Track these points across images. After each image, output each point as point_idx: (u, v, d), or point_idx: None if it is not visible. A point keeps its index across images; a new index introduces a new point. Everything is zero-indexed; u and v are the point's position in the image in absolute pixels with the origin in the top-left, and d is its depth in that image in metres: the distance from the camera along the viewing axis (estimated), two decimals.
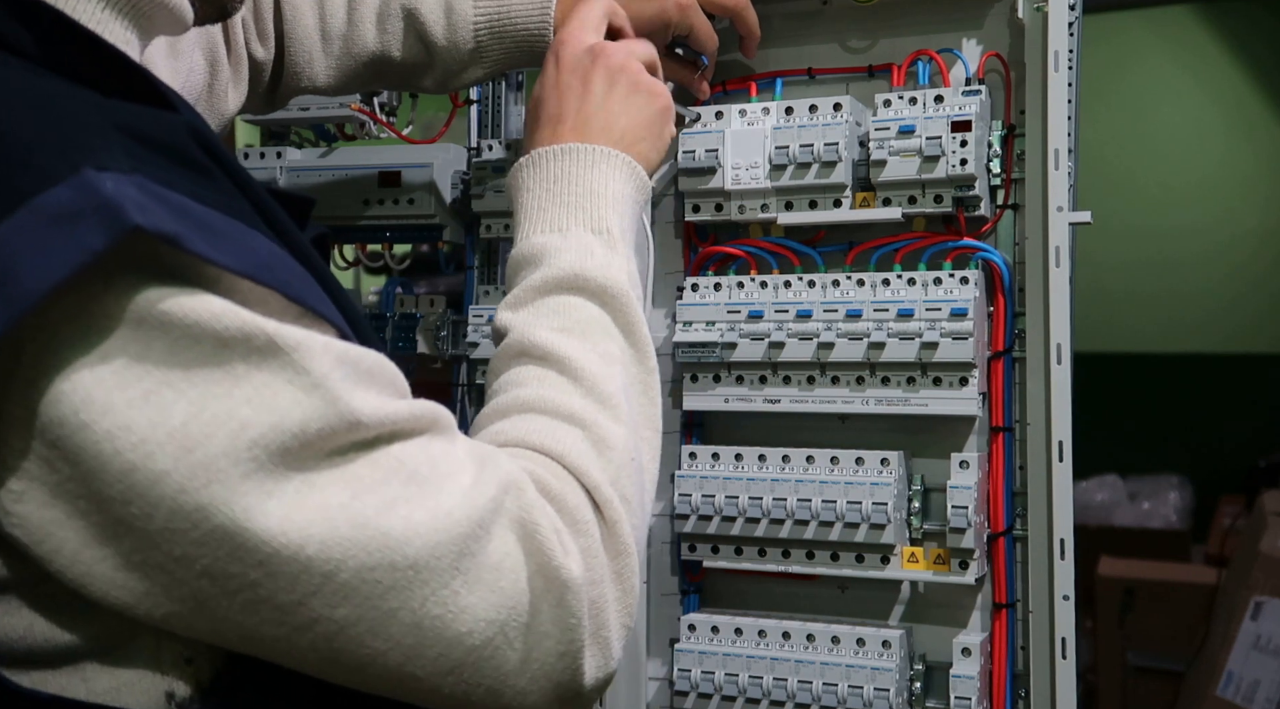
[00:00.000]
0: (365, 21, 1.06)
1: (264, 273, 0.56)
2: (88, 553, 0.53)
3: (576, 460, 0.68)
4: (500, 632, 0.61)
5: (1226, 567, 2.81)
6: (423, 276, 2.07)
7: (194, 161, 0.57)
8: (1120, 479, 3.97)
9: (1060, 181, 1.03)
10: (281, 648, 0.58)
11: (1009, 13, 1.09)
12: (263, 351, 0.54)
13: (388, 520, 0.57)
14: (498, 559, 0.61)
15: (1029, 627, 1.05)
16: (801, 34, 1.17)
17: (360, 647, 0.58)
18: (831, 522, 1.06)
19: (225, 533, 0.53)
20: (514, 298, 0.79)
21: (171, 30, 0.72)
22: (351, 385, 0.57)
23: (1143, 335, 4.53)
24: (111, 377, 0.52)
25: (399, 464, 0.58)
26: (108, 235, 0.50)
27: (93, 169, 0.51)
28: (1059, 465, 1.03)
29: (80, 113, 0.55)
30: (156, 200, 0.53)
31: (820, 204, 1.10)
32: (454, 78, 1.08)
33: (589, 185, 0.83)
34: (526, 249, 0.81)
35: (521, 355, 0.75)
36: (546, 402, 0.71)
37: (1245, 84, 4.54)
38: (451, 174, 1.38)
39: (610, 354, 0.76)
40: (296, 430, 0.54)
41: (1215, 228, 4.47)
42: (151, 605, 0.55)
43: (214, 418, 0.53)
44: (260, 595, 0.55)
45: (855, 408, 1.08)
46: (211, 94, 1.04)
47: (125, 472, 0.52)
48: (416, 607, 0.58)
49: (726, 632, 1.11)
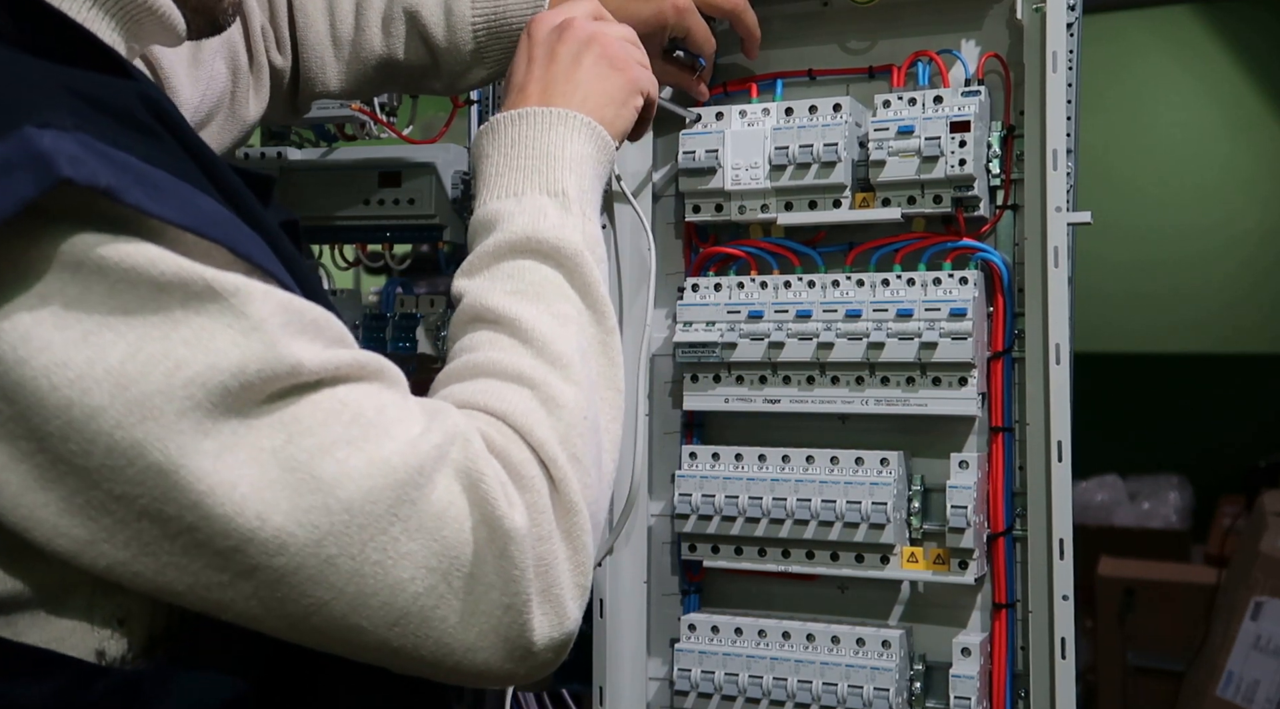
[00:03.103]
0: (372, 26, 1.07)
1: (209, 228, 0.57)
2: (29, 497, 0.54)
3: (522, 419, 0.68)
4: (443, 580, 0.61)
5: (1226, 567, 2.81)
6: (423, 277, 2.07)
7: (142, 124, 0.58)
8: (1120, 479, 3.97)
9: (1059, 182, 1.03)
10: (225, 598, 0.58)
11: (1008, 13, 1.09)
12: (201, 296, 0.55)
13: (320, 463, 0.57)
14: (440, 507, 0.61)
15: (1029, 627, 1.06)
16: (801, 35, 1.17)
17: (302, 596, 0.58)
18: (831, 521, 1.06)
19: (159, 470, 0.54)
20: (468, 264, 0.79)
21: (164, 40, 0.73)
22: (294, 332, 0.58)
23: (1142, 335, 4.53)
24: (50, 317, 0.53)
25: (341, 407, 0.59)
26: (36, 186, 0.52)
27: (33, 127, 0.53)
28: (1058, 465, 1.03)
29: (28, 76, 0.57)
30: (97, 156, 0.54)
31: (820, 204, 1.10)
32: (460, 79, 1.08)
33: (545, 147, 0.82)
34: (482, 215, 0.81)
35: (475, 320, 0.75)
36: (495, 364, 0.71)
37: (1245, 84, 4.54)
38: (452, 174, 1.38)
39: (565, 315, 0.75)
40: (234, 371, 0.55)
41: (1215, 228, 4.47)
42: (95, 554, 0.55)
43: (150, 357, 0.54)
44: (198, 540, 0.55)
45: (855, 408, 1.09)
46: (234, 102, 1.06)
47: (62, 407, 0.53)
48: (355, 553, 0.58)
49: (726, 632, 1.11)
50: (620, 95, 0.89)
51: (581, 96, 0.86)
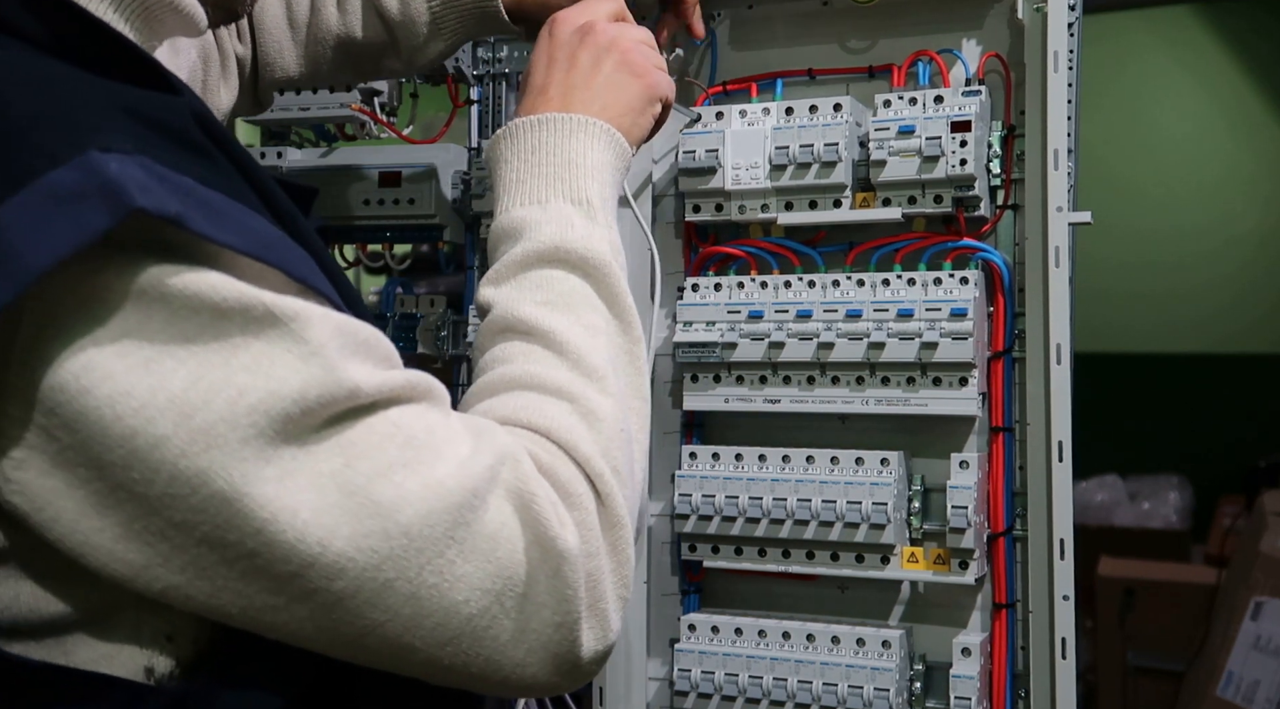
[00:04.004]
0: (328, 6, 1.08)
1: (265, 251, 0.57)
2: (86, 523, 0.54)
3: (566, 435, 0.68)
4: (496, 601, 0.61)
5: (1226, 567, 2.81)
6: (423, 276, 2.07)
7: (196, 144, 0.58)
8: (1120, 479, 3.96)
9: (1060, 182, 1.03)
10: (279, 619, 0.57)
11: (1009, 13, 1.09)
12: (260, 322, 0.55)
13: (379, 488, 0.57)
14: (494, 529, 0.61)
15: (1029, 627, 1.06)
16: (802, 34, 1.17)
17: (358, 618, 0.58)
18: (831, 522, 1.06)
19: (223, 498, 0.54)
20: (495, 273, 0.78)
21: (185, 32, 0.73)
22: (349, 354, 0.58)
23: (1143, 335, 4.53)
24: (111, 345, 0.52)
25: (395, 429, 0.59)
26: (111, 216, 0.51)
27: (97, 151, 0.52)
28: (1059, 465, 1.03)
29: (85, 94, 0.56)
30: (159, 181, 0.53)
31: (820, 204, 1.10)
32: (418, 53, 1.08)
33: (567, 155, 0.82)
34: (506, 222, 0.80)
35: (506, 331, 0.75)
36: (533, 377, 0.71)
37: (1245, 84, 4.54)
38: (452, 174, 1.38)
39: (594, 326, 0.75)
40: (295, 397, 0.55)
41: (1215, 228, 4.47)
42: (150, 578, 0.55)
43: (212, 385, 0.53)
44: (258, 565, 0.55)
45: (855, 408, 1.08)
46: (206, 91, 1.06)
47: (126, 437, 0.52)
48: (413, 576, 0.58)
49: (726, 632, 1.11)
50: (639, 103, 0.89)
51: (601, 104, 0.86)
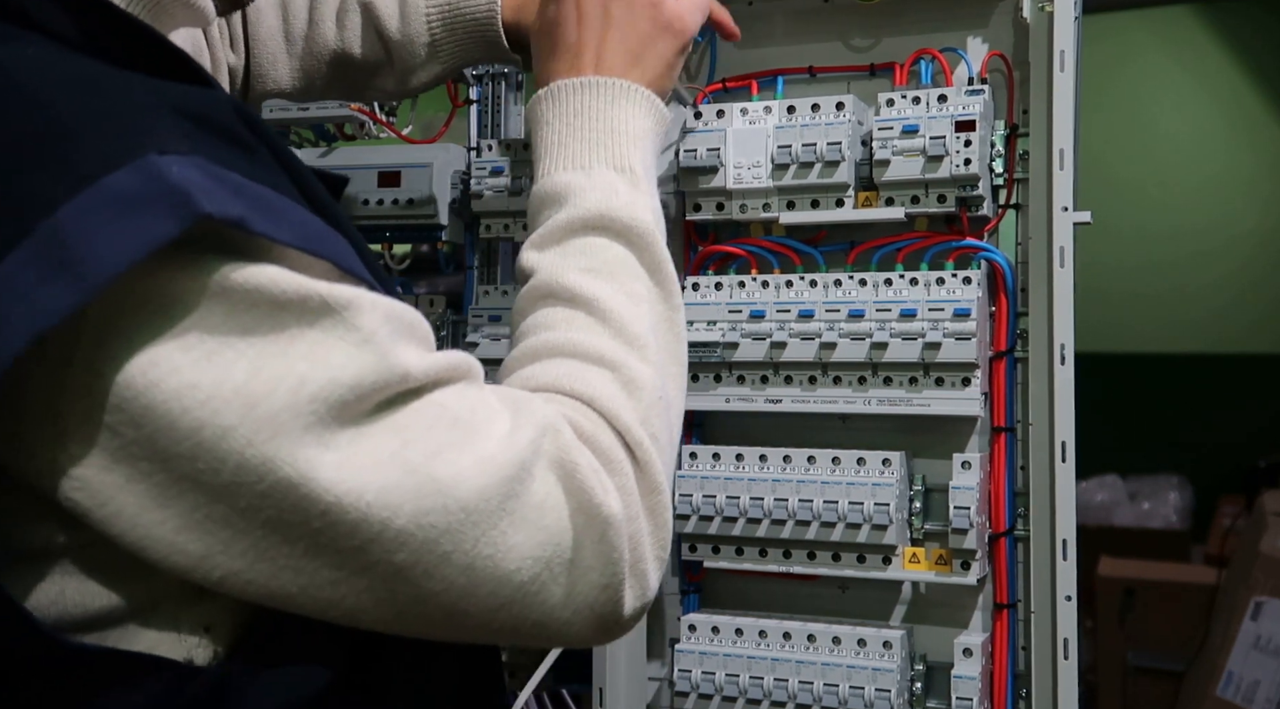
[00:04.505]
0: (325, 19, 1.07)
1: (318, 245, 0.59)
2: (147, 516, 0.55)
3: (608, 404, 0.70)
4: (546, 568, 0.63)
5: (1226, 567, 2.81)
6: (423, 277, 2.07)
7: (241, 139, 0.59)
8: (1120, 479, 3.97)
9: (1065, 181, 1.02)
10: (338, 595, 0.59)
11: (1013, 12, 1.09)
12: (316, 312, 0.56)
13: (436, 466, 0.59)
14: (540, 499, 0.63)
15: (1030, 627, 1.05)
16: (803, 32, 1.17)
17: (415, 589, 0.60)
18: (833, 522, 1.06)
19: (290, 484, 0.55)
20: (539, 237, 0.79)
21: (193, 22, 0.73)
22: (398, 339, 0.59)
23: (1143, 336, 4.53)
24: (175, 340, 0.54)
25: (441, 410, 0.61)
26: (178, 223, 0.52)
27: (155, 153, 0.53)
28: (1062, 466, 1.03)
29: (133, 93, 0.56)
30: (217, 182, 0.54)
31: (822, 203, 1.09)
32: (412, 75, 1.07)
33: (610, 122, 0.82)
34: (549, 186, 0.81)
35: (549, 297, 0.76)
36: (575, 344, 0.73)
37: (1245, 84, 4.54)
38: (451, 174, 1.38)
39: (637, 294, 0.77)
40: (352, 384, 0.56)
41: (1214, 228, 4.47)
42: (210, 566, 0.56)
43: (274, 375, 0.55)
44: (321, 543, 0.57)
45: (857, 408, 1.08)
46: None
47: (194, 428, 0.53)
48: (469, 549, 0.60)
49: (727, 632, 1.10)
50: (672, 58, 0.88)
51: (641, 68, 0.86)
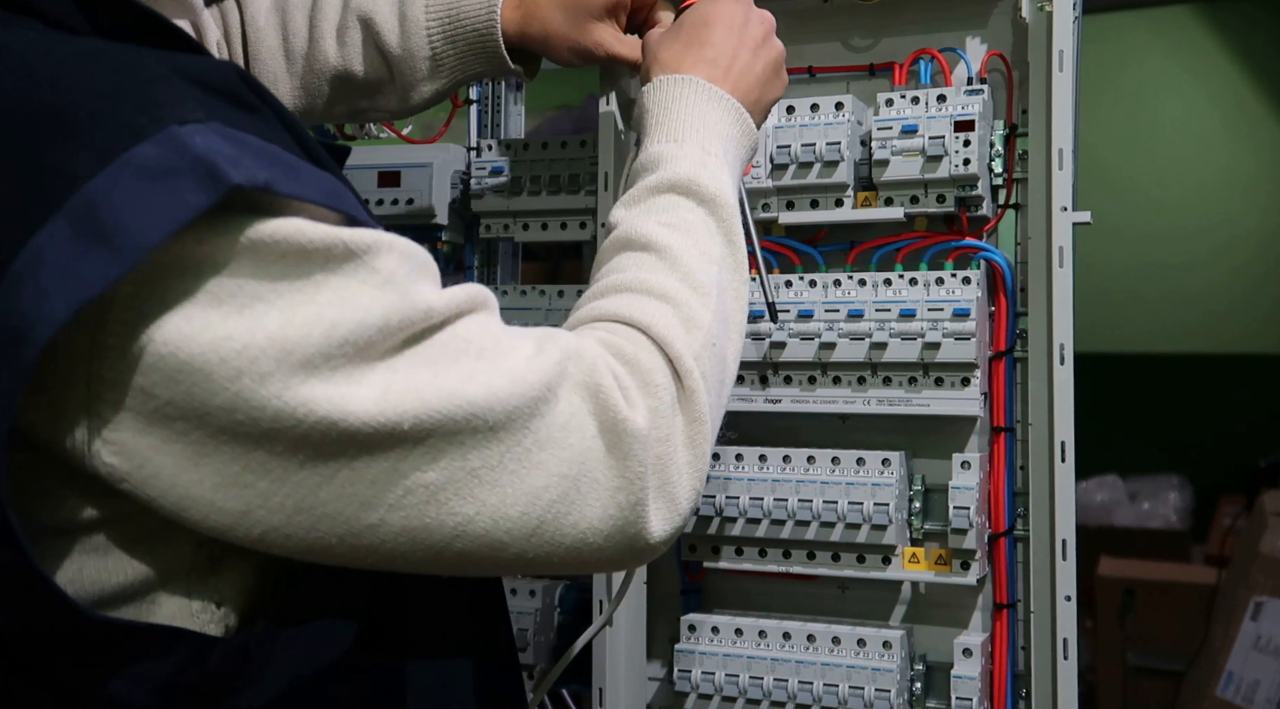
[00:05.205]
0: (326, 37, 1.07)
1: (333, 199, 0.60)
2: (185, 476, 0.56)
3: (663, 331, 0.73)
4: (574, 486, 0.65)
5: (1226, 567, 2.81)
6: None
7: (248, 102, 0.61)
8: (1120, 479, 3.97)
9: (1065, 181, 1.02)
10: (377, 537, 0.60)
11: (1012, 12, 1.09)
12: (340, 258, 0.58)
13: (471, 389, 0.61)
14: (565, 419, 0.65)
15: (1030, 627, 1.05)
16: (803, 32, 1.17)
17: (450, 515, 0.61)
18: (833, 522, 1.06)
19: (330, 422, 0.56)
20: (629, 197, 0.84)
21: (177, 13, 0.73)
22: (416, 277, 0.61)
23: (1143, 336, 4.53)
24: (206, 296, 0.55)
25: (466, 342, 0.63)
26: (210, 194, 0.54)
27: (176, 125, 0.55)
28: (1061, 466, 1.03)
29: (143, 65, 0.58)
30: (239, 148, 0.56)
31: (822, 203, 1.09)
32: (414, 91, 1.08)
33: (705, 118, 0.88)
34: (645, 157, 0.86)
35: (626, 246, 0.80)
36: (642, 282, 0.76)
37: (1245, 84, 4.54)
38: (451, 174, 1.38)
39: (709, 253, 0.80)
40: (379, 324, 0.58)
41: (1215, 228, 4.46)
42: (251, 523, 0.58)
43: (305, 320, 0.56)
44: (358, 479, 0.58)
45: (857, 408, 1.08)
46: None
47: (232, 378, 0.54)
48: (495, 464, 0.62)
49: (727, 632, 1.10)
50: (770, 105, 0.96)
51: (756, 98, 0.93)
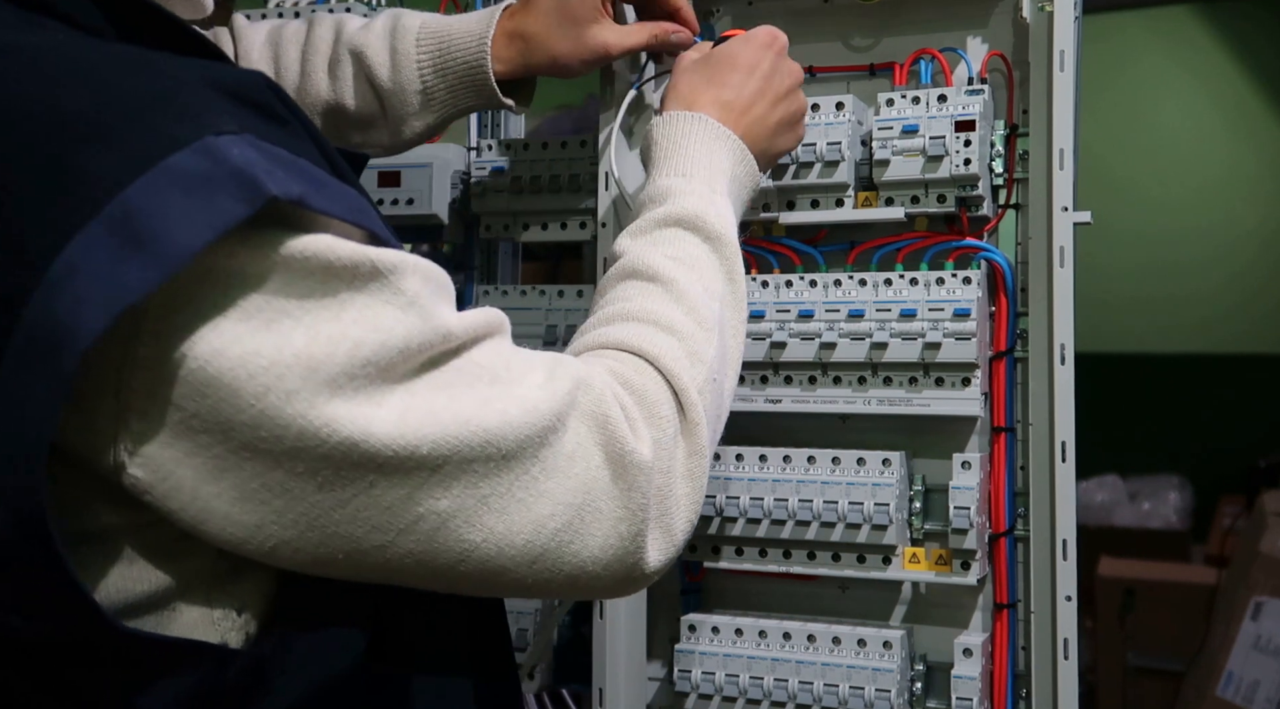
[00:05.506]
0: (318, 71, 1.07)
1: (359, 216, 0.61)
2: (205, 488, 0.56)
3: (670, 363, 0.74)
4: (577, 516, 0.66)
5: (1226, 567, 2.81)
6: None
7: (277, 114, 0.61)
8: (1120, 479, 3.96)
9: (1065, 181, 1.02)
10: (384, 557, 0.61)
11: (1013, 12, 1.09)
12: (367, 276, 0.58)
13: (486, 415, 0.61)
14: (571, 449, 0.66)
15: (1030, 627, 1.05)
16: (803, 32, 1.17)
17: (458, 542, 0.62)
18: (833, 522, 1.06)
19: (351, 443, 0.56)
20: (635, 227, 0.86)
21: (189, 13, 0.73)
22: (437, 299, 0.62)
23: (1143, 336, 4.53)
24: (236, 310, 0.55)
25: (481, 368, 0.63)
26: (249, 205, 0.54)
27: (212, 135, 0.55)
28: (1062, 466, 1.03)
29: (176, 72, 0.58)
30: (273, 161, 0.56)
31: (822, 203, 1.09)
32: (405, 125, 1.08)
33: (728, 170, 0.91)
34: (653, 190, 0.88)
35: (632, 275, 0.81)
36: (649, 312, 0.78)
37: (1245, 84, 4.54)
38: (451, 174, 1.38)
39: (713, 290, 0.83)
40: (401, 346, 0.58)
41: (1215, 228, 4.46)
42: (264, 537, 0.58)
43: (330, 339, 0.56)
44: (373, 498, 0.59)
45: (857, 408, 1.08)
46: None
47: (259, 394, 0.54)
48: (504, 492, 0.63)
49: (727, 632, 1.10)
50: (779, 156, 1.01)
51: (765, 147, 0.97)
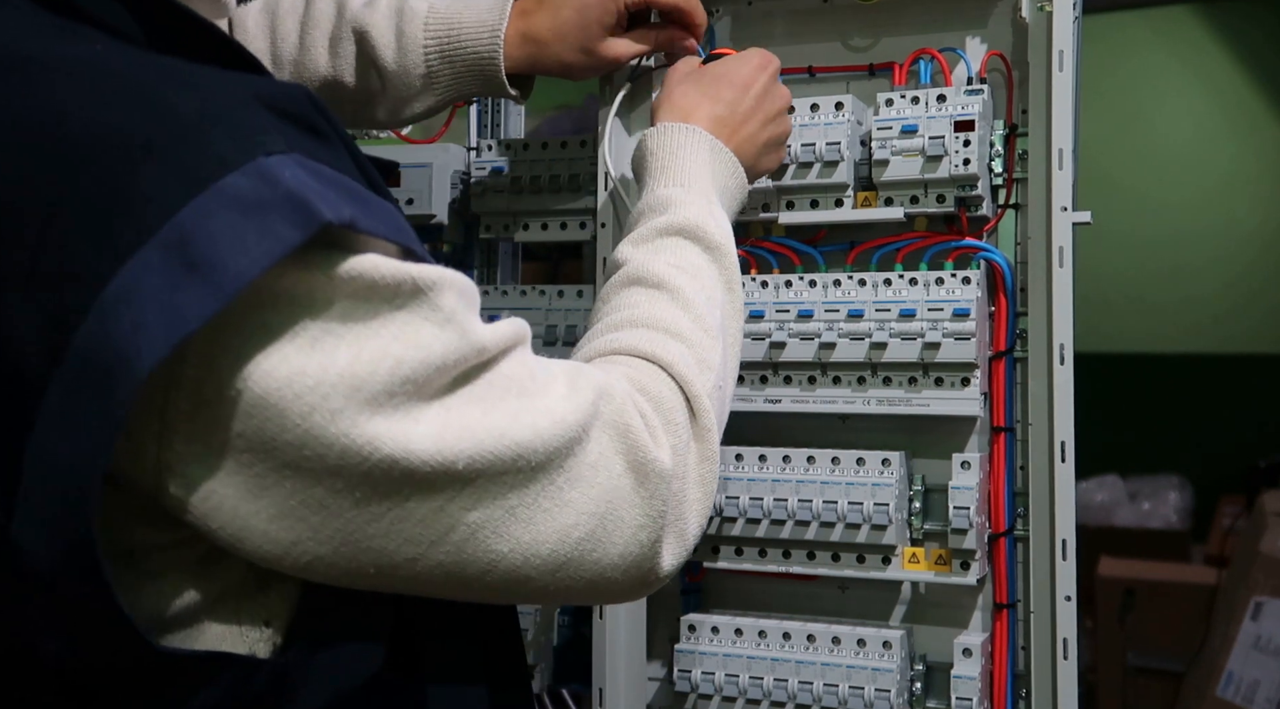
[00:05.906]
0: (317, 46, 1.06)
1: (398, 233, 0.61)
2: (244, 507, 0.56)
3: (683, 370, 0.76)
4: (600, 524, 0.67)
5: (1226, 567, 2.81)
6: None
7: (320, 129, 0.61)
8: (1120, 479, 3.96)
9: (1065, 181, 1.02)
10: (415, 571, 0.61)
11: (1012, 12, 1.09)
12: (408, 295, 0.58)
13: (517, 428, 0.62)
14: (594, 457, 0.67)
15: (1030, 627, 1.05)
16: (803, 32, 1.17)
17: (486, 552, 0.63)
18: (832, 522, 1.06)
19: (392, 461, 0.57)
20: (637, 235, 0.87)
21: (214, 13, 0.73)
22: (470, 314, 0.62)
23: (1143, 336, 4.52)
24: (283, 332, 0.55)
25: (509, 380, 0.64)
26: (303, 230, 0.54)
27: (263, 156, 0.55)
28: (1061, 466, 1.03)
29: (224, 88, 0.58)
30: (323, 182, 0.56)
31: (822, 203, 1.09)
32: (404, 106, 1.07)
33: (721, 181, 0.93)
34: (653, 198, 0.90)
35: (636, 282, 0.83)
36: (658, 318, 0.79)
37: (1246, 84, 4.54)
38: (451, 174, 1.38)
39: (714, 299, 0.84)
40: (439, 364, 0.59)
41: (1215, 229, 4.46)
42: (300, 553, 0.58)
43: (372, 357, 0.56)
44: (407, 511, 0.59)
45: (856, 408, 1.08)
46: None
47: (305, 413, 0.55)
48: (531, 502, 0.63)
49: (727, 632, 1.10)
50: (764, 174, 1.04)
51: (753, 162, 0.99)
